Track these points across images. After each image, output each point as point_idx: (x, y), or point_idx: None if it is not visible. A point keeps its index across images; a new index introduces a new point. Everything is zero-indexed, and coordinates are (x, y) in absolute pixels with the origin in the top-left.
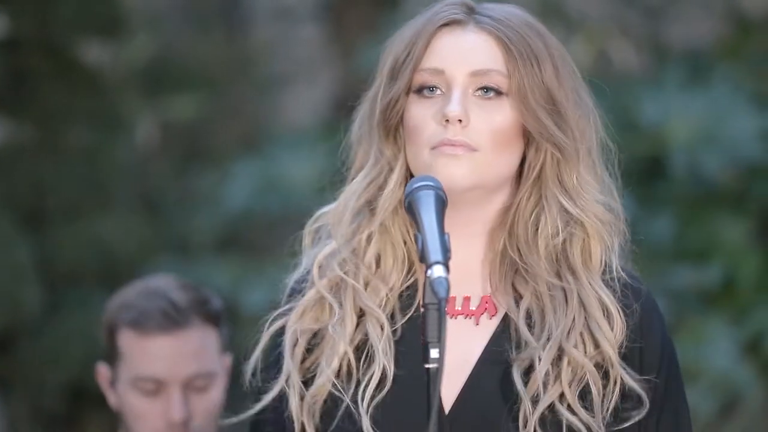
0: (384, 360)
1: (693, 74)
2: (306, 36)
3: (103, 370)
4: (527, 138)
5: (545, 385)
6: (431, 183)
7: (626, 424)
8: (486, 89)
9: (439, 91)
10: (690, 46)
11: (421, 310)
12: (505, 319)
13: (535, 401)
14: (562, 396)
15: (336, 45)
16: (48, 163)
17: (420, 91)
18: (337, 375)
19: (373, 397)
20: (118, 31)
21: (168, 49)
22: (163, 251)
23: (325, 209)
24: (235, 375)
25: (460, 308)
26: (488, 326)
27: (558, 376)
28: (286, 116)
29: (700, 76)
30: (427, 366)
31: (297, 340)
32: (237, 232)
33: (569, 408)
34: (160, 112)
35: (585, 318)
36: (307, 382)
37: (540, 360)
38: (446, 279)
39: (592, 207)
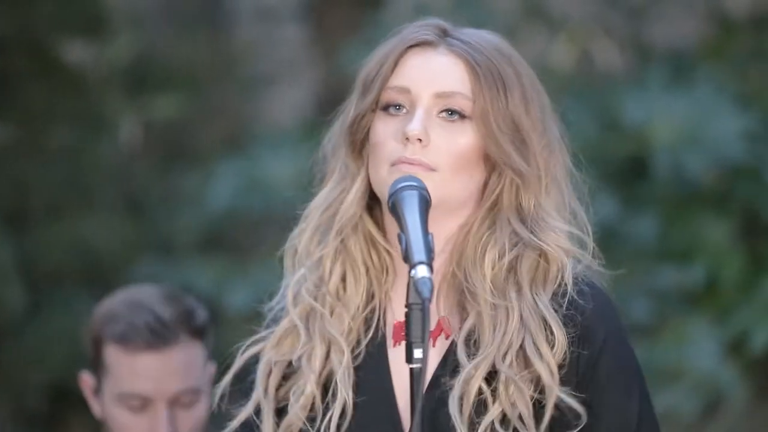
0: (344, 390)
1: (676, 75)
2: (288, 36)
3: (86, 378)
4: (491, 163)
5: (485, 404)
6: (415, 183)
7: None
8: (450, 111)
9: (404, 110)
10: (673, 46)
11: (380, 329)
12: (453, 341)
13: (471, 425)
14: (504, 416)
15: (318, 45)
16: (31, 163)
17: (386, 108)
18: (309, 408)
19: (338, 426)
20: (100, 31)
21: (151, 49)
22: (146, 251)
23: (296, 231)
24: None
25: None
26: (441, 349)
27: (496, 396)
28: (269, 116)
29: (683, 77)
30: (411, 366)
31: (271, 370)
32: (220, 232)
33: (514, 429)
34: (143, 112)
35: (524, 336)
36: (281, 410)
37: (476, 381)
38: (430, 279)
39: (548, 236)
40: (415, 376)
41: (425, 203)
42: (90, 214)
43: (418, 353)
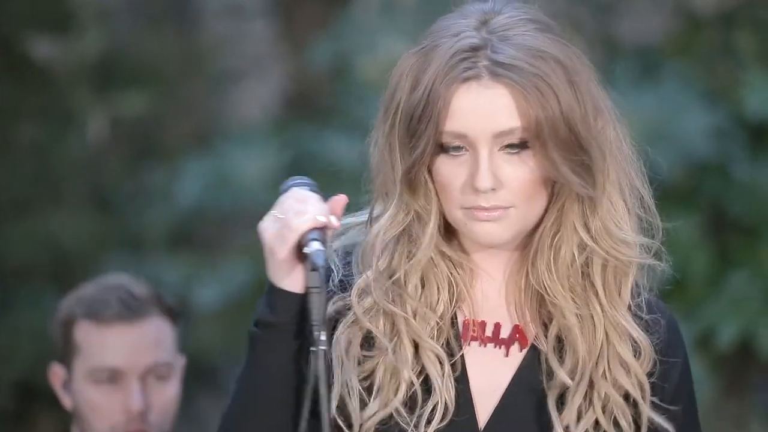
0: (446, 395)
1: (643, 71)
2: (256, 32)
3: (56, 370)
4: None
5: (579, 414)
6: (302, 181)
7: None
8: (511, 146)
9: (464, 150)
10: (640, 42)
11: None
12: (534, 349)
13: (567, 430)
14: (597, 424)
15: (287, 41)
16: None
17: (445, 150)
18: (404, 400)
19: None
20: (68, 27)
21: (118, 45)
22: (114, 247)
23: (351, 238)
24: (189, 377)
25: (490, 335)
26: (518, 356)
27: (591, 405)
28: (238, 112)
29: (650, 73)
30: (312, 349)
31: (351, 341)
32: (189, 228)
33: None
34: (111, 108)
35: (609, 348)
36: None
37: (574, 391)
38: (322, 251)
39: (615, 246)
40: (318, 359)
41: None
42: (58, 210)
43: (321, 336)
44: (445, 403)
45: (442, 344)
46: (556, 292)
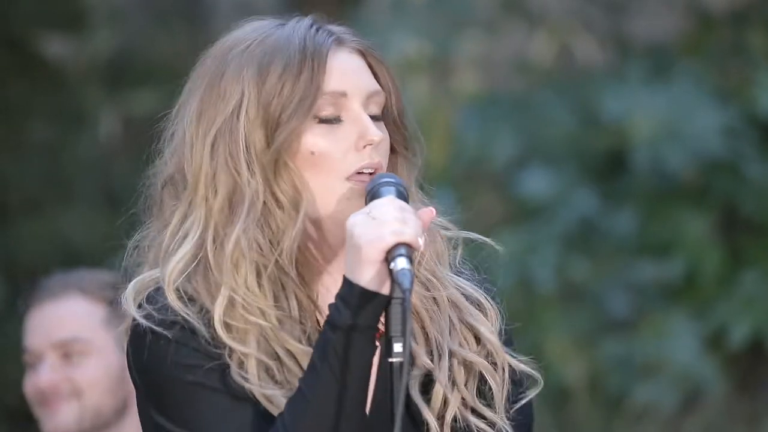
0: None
1: (655, 69)
2: None
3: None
4: None
5: (445, 397)
6: (393, 180)
7: (520, 404)
8: (374, 117)
9: (340, 121)
10: (652, 41)
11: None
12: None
13: (440, 416)
14: (463, 401)
15: None
16: (10, 158)
17: (325, 121)
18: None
19: None
20: (80, 26)
21: (130, 44)
22: (125, 246)
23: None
24: None
25: None
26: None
27: (453, 382)
28: None
29: (662, 72)
30: (390, 360)
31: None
32: None
33: (473, 411)
34: (122, 107)
35: (458, 315)
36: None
37: (437, 372)
38: (410, 270)
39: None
40: (395, 371)
41: (403, 199)
42: (69, 209)
43: (397, 347)
44: None
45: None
46: None
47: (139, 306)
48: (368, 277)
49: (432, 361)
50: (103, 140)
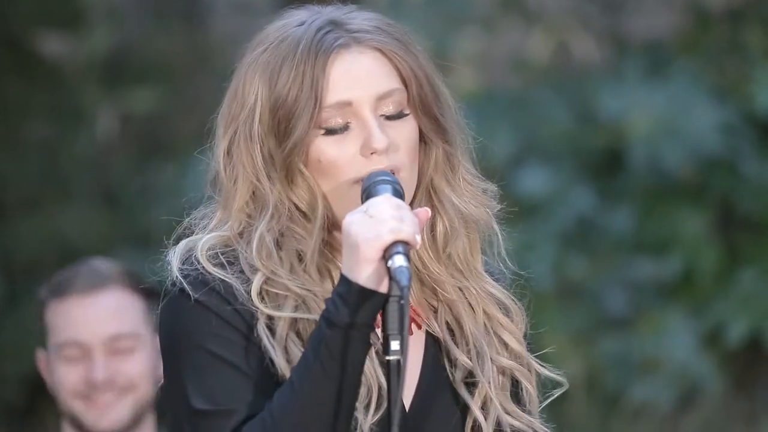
0: (380, 380)
1: (653, 67)
2: None
3: (40, 356)
4: (423, 141)
5: (486, 396)
6: (388, 177)
7: (545, 404)
8: (390, 117)
9: (349, 129)
10: (650, 39)
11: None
12: (429, 335)
13: (484, 413)
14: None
15: None
16: (8, 155)
17: (331, 132)
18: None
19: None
20: (77, 24)
21: (127, 42)
22: (123, 243)
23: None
24: None
25: None
26: (419, 335)
27: (491, 384)
28: None
29: (659, 70)
30: (387, 358)
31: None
32: None
33: (508, 413)
34: (120, 105)
35: (487, 319)
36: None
37: (481, 373)
38: (408, 268)
39: (473, 207)
40: (392, 369)
41: (400, 197)
42: (67, 207)
43: (394, 345)
44: (379, 388)
45: None
46: (435, 269)
47: (182, 265)
48: (366, 275)
49: (470, 359)
50: (100, 138)
